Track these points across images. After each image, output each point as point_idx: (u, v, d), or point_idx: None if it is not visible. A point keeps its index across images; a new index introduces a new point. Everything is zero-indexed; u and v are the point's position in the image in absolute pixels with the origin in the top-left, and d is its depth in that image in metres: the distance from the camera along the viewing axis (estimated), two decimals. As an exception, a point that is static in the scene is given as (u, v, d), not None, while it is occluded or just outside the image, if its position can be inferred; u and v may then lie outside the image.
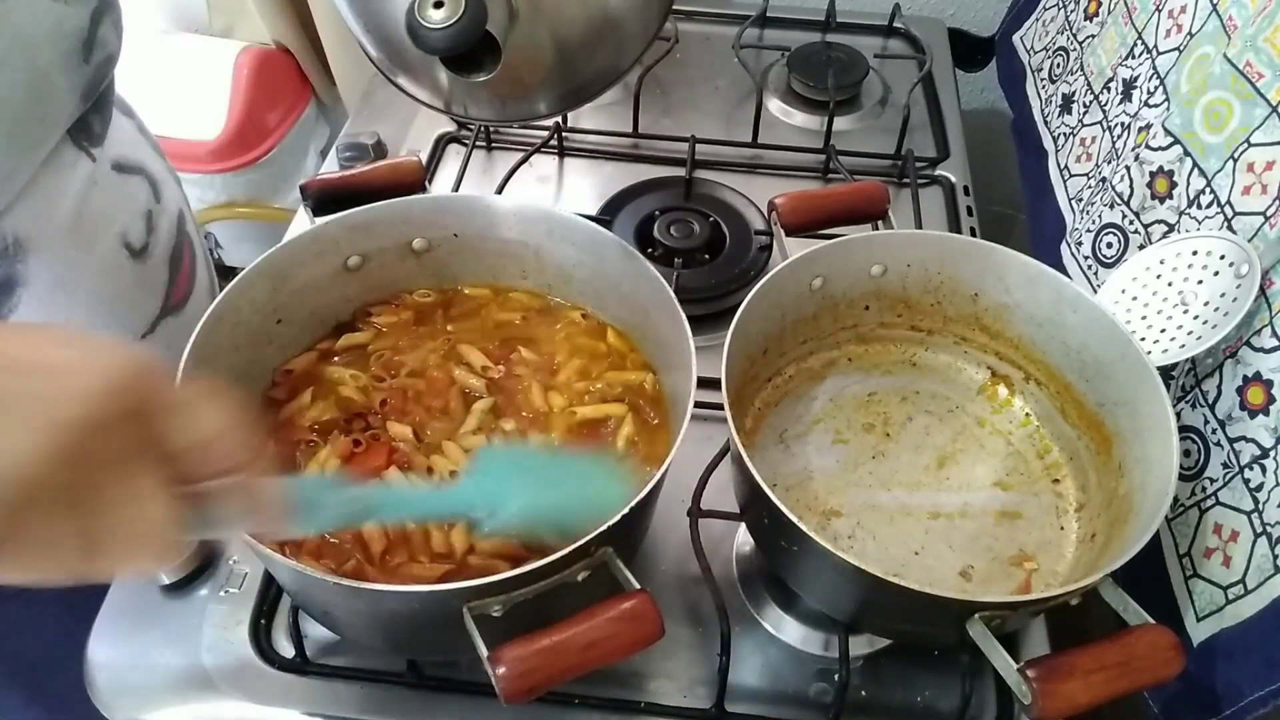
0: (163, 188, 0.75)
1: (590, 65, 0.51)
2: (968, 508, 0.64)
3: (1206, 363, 0.63)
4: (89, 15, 0.61)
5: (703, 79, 1.08)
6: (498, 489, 0.52)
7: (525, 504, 0.51)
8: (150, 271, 0.72)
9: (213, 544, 0.65)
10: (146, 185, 0.73)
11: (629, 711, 0.61)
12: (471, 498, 0.52)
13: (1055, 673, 0.46)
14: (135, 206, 0.71)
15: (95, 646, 0.62)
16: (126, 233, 0.69)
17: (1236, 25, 0.65)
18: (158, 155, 0.77)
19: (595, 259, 0.66)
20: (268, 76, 1.29)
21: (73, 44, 0.60)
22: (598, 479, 0.56)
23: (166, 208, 0.75)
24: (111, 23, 0.64)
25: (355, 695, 0.61)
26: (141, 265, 0.71)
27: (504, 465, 0.55)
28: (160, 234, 0.73)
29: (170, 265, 0.75)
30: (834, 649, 0.63)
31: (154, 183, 0.74)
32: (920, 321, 0.71)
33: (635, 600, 0.47)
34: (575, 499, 0.53)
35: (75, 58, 0.60)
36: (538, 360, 0.66)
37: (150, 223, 0.72)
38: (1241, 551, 0.56)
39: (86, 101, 0.64)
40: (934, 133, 1.04)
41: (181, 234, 0.77)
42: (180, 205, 0.79)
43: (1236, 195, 0.62)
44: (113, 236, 0.68)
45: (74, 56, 0.60)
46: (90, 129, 0.66)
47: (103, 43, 0.63)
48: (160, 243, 0.73)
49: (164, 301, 0.74)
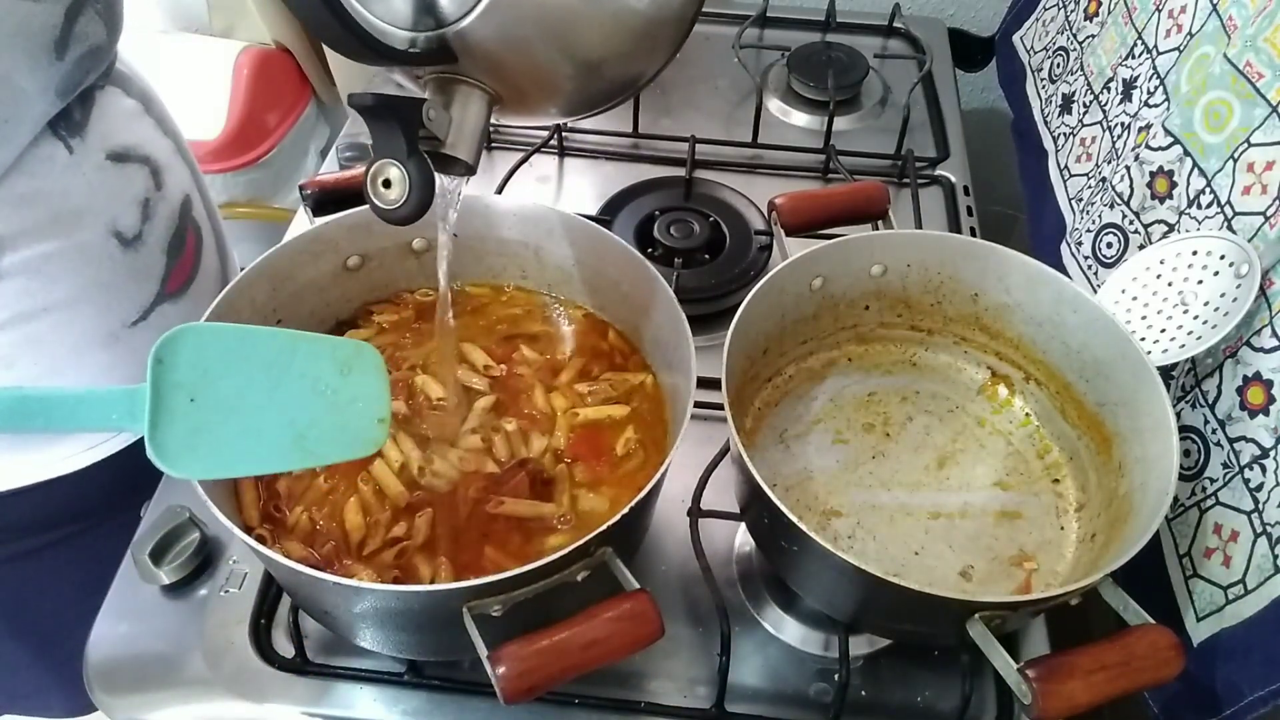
0: (166, 174, 0.73)
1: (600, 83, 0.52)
2: (968, 508, 0.64)
3: (1206, 363, 0.63)
4: (63, 12, 0.58)
5: (703, 79, 1.08)
6: (192, 375, 0.43)
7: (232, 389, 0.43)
8: (144, 259, 0.71)
9: (213, 544, 0.65)
10: (145, 173, 0.71)
11: (629, 711, 0.61)
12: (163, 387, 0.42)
13: (1055, 673, 0.46)
14: (129, 195, 0.69)
15: (95, 647, 0.62)
16: (116, 222, 0.68)
17: (1236, 25, 0.65)
18: (165, 137, 0.75)
19: (595, 259, 0.66)
20: (268, 76, 1.29)
21: (41, 42, 0.58)
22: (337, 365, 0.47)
23: (168, 194, 0.73)
24: (95, 14, 0.61)
25: (355, 695, 0.61)
26: (134, 254, 0.69)
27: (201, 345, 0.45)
28: (158, 221, 0.71)
29: (169, 253, 0.73)
30: (834, 649, 0.63)
31: (156, 169, 0.72)
32: (920, 321, 0.71)
33: (635, 600, 0.47)
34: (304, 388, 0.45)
35: (45, 56, 0.58)
36: (539, 359, 0.66)
37: (146, 211, 0.70)
38: (1241, 551, 0.56)
39: (64, 98, 0.62)
40: (934, 133, 1.04)
41: (185, 220, 0.75)
42: (187, 190, 0.76)
43: (1236, 195, 0.62)
44: (100, 226, 0.67)
45: (43, 55, 0.58)
46: (70, 117, 0.64)
47: (81, 37, 0.60)
48: (156, 231, 0.71)
49: (159, 289, 0.72)
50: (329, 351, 0.47)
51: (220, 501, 0.50)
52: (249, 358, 0.45)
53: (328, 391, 0.46)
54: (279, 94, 1.33)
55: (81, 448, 0.73)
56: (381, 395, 0.47)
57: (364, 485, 0.59)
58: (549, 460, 0.61)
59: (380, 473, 0.59)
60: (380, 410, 0.47)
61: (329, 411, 0.46)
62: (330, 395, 0.46)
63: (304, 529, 0.57)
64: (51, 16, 0.58)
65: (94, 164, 0.66)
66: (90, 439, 0.73)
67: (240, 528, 0.48)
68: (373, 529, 0.57)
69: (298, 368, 0.46)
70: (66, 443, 0.72)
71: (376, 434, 0.46)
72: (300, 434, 0.45)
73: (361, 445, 0.46)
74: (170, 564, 0.63)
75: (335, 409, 0.46)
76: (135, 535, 0.65)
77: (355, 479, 0.59)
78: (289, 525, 0.57)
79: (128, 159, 0.69)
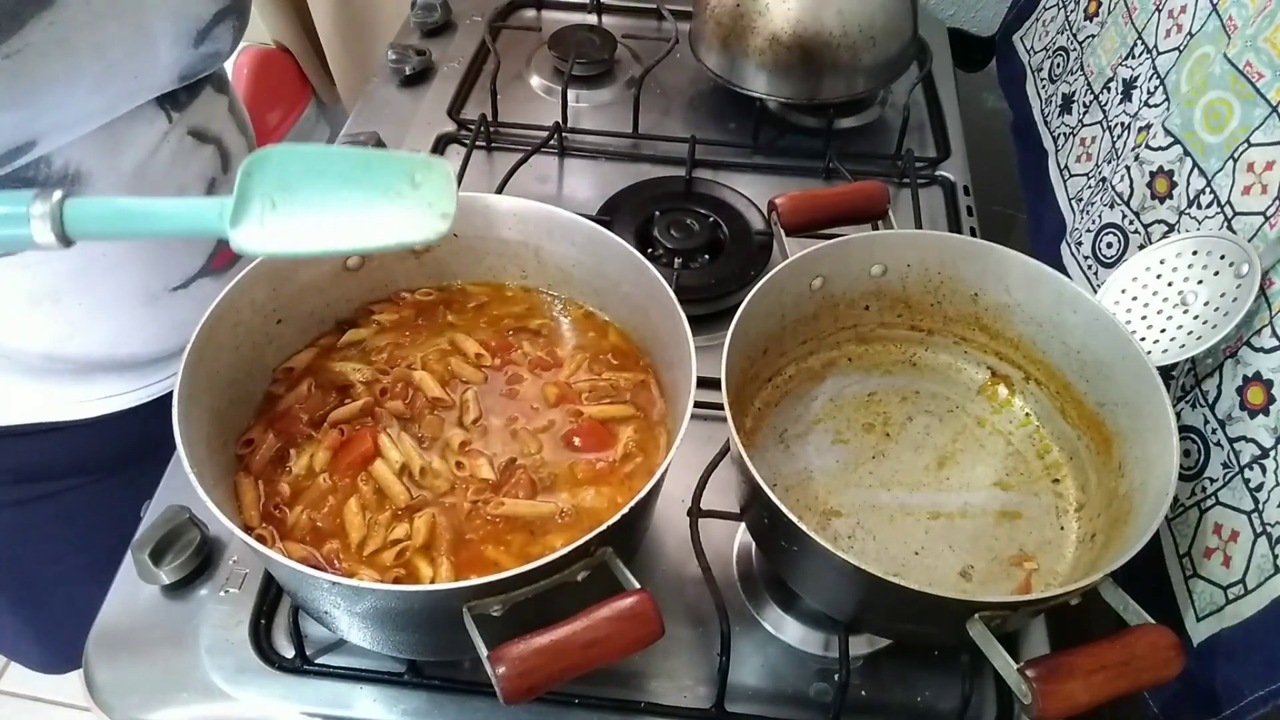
0: (235, 161, 0.79)
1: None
2: (968, 508, 0.64)
3: (1206, 363, 0.63)
4: (215, 11, 0.68)
5: (703, 79, 1.08)
6: (275, 186, 0.48)
7: (311, 195, 0.48)
8: None
9: (213, 544, 0.65)
10: (217, 156, 0.78)
11: (629, 711, 0.61)
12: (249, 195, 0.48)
13: (1055, 673, 0.46)
14: (200, 170, 0.76)
15: (95, 647, 0.62)
16: (185, 192, 0.74)
17: (1236, 25, 0.65)
18: (240, 134, 0.82)
19: (595, 259, 0.66)
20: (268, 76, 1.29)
21: (188, 27, 0.67)
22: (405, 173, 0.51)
23: (231, 180, 0.77)
24: (231, 26, 0.71)
25: (355, 695, 0.61)
26: None
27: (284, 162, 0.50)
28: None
29: None
30: (834, 649, 0.63)
31: (226, 155, 0.79)
32: (920, 321, 0.71)
33: (635, 600, 0.47)
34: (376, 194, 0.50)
35: (186, 40, 0.67)
36: (538, 356, 0.66)
37: (212, 190, 0.77)
38: (1241, 551, 0.56)
39: (183, 82, 0.70)
40: (934, 133, 1.04)
41: None
42: None
43: (1236, 195, 0.62)
44: (170, 191, 0.73)
45: (186, 39, 0.67)
46: (177, 98, 0.72)
47: (216, 38, 0.70)
48: None
49: (205, 263, 0.79)
50: (401, 165, 0.52)
51: (220, 501, 0.50)
52: (326, 171, 0.50)
53: (399, 196, 0.51)
54: (279, 94, 1.33)
55: (97, 395, 0.78)
56: (448, 196, 0.52)
57: (364, 485, 0.59)
58: (549, 459, 0.61)
59: (380, 473, 0.59)
60: (446, 207, 0.51)
61: (400, 210, 0.51)
62: (401, 199, 0.51)
63: (304, 529, 0.57)
64: (205, 11, 0.68)
65: (179, 135, 0.73)
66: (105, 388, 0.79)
67: (240, 528, 0.48)
68: (373, 529, 0.57)
69: (371, 178, 0.50)
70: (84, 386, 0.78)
71: (440, 225, 0.51)
72: (372, 222, 0.50)
73: (425, 231, 0.50)
74: (170, 564, 0.63)
75: (405, 209, 0.51)
76: (135, 535, 0.65)
77: (355, 479, 0.59)
78: (289, 525, 0.57)
79: (206, 139, 0.77)
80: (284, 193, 0.48)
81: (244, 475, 0.59)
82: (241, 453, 0.60)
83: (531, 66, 1.09)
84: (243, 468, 0.59)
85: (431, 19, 1.13)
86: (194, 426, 0.53)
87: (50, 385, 0.77)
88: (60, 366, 0.75)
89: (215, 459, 0.56)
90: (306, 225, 0.48)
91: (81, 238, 0.46)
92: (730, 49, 0.98)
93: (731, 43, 0.97)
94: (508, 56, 1.08)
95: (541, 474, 0.60)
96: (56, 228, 0.45)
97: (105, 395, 0.79)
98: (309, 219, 0.49)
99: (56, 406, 0.78)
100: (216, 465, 0.56)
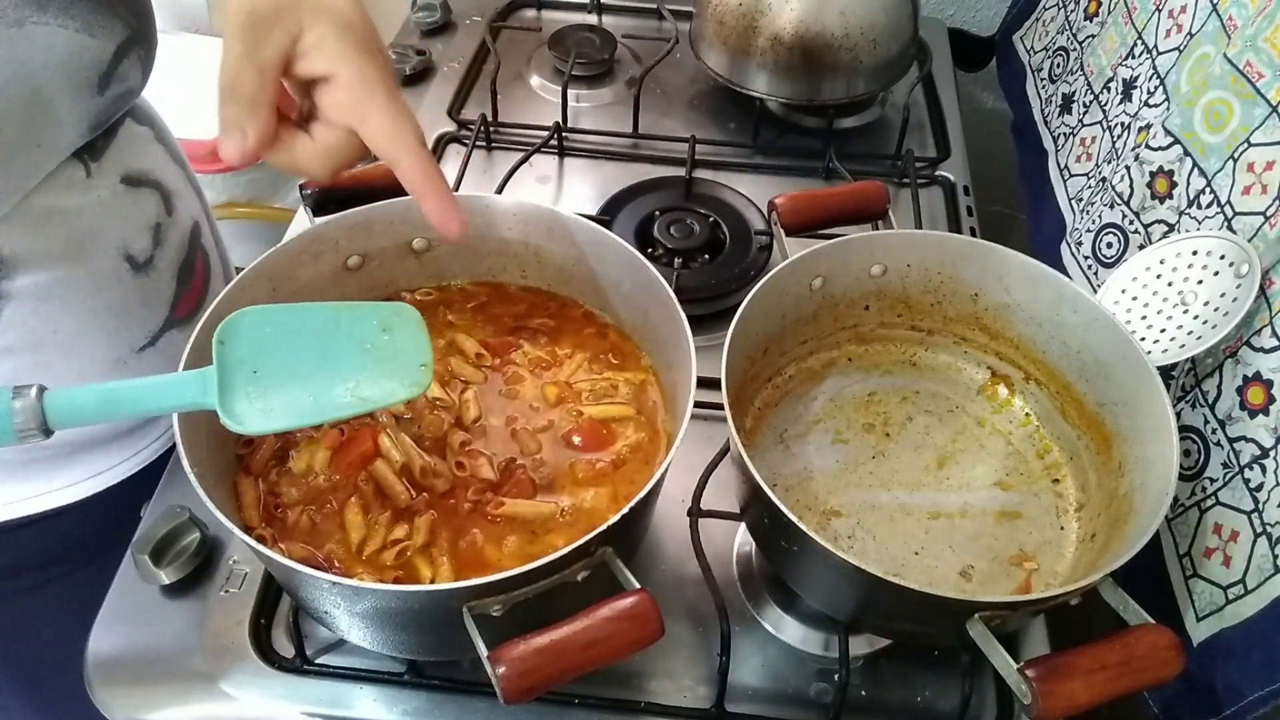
0: (176, 200, 0.73)
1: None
2: (968, 508, 0.64)
3: (1206, 363, 0.63)
4: (113, 50, 0.60)
5: (703, 79, 1.08)
6: (252, 351, 0.49)
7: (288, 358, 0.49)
8: (154, 284, 0.70)
9: (213, 544, 0.65)
10: (156, 198, 0.71)
11: (629, 711, 0.61)
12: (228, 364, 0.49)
13: (1055, 673, 0.46)
14: (142, 220, 0.69)
15: (95, 647, 0.62)
16: (128, 246, 0.68)
17: (1236, 25, 0.65)
18: (175, 164, 0.75)
19: (595, 259, 0.66)
20: (268, 77, 1.29)
21: (88, 76, 0.59)
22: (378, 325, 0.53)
23: (179, 220, 0.73)
24: (138, 59, 0.63)
25: (355, 695, 0.61)
26: (144, 278, 0.69)
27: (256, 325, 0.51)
28: (169, 247, 0.71)
29: (179, 278, 0.73)
30: (834, 649, 0.63)
31: (167, 195, 0.72)
32: (920, 321, 0.71)
33: (635, 600, 0.47)
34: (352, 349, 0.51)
35: (88, 89, 0.60)
36: (538, 356, 0.66)
37: (158, 236, 0.71)
38: (1241, 551, 0.56)
39: (94, 131, 0.63)
40: (934, 133, 1.04)
41: (195, 246, 0.75)
42: (197, 217, 0.76)
43: (1236, 195, 0.62)
44: (112, 250, 0.67)
45: (87, 88, 0.60)
46: (93, 145, 0.64)
47: (122, 77, 0.62)
48: (168, 255, 0.71)
49: (169, 314, 0.72)
50: (371, 316, 0.53)
51: (220, 501, 0.50)
52: (300, 329, 0.51)
53: (373, 349, 0.52)
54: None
55: (84, 475, 0.72)
56: (422, 345, 0.53)
57: (364, 485, 0.59)
58: (549, 459, 0.61)
59: (380, 473, 0.59)
60: (422, 357, 0.52)
61: (377, 364, 0.52)
62: (376, 351, 0.52)
63: (304, 529, 0.57)
64: (102, 53, 0.60)
65: (109, 186, 0.66)
66: (91, 467, 0.72)
67: (240, 528, 0.48)
68: (373, 529, 0.57)
69: (344, 332, 0.52)
70: (69, 470, 0.72)
71: (421, 377, 0.52)
72: (354, 386, 0.51)
73: (408, 388, 0.52)
74: (170, 564, 0.63)
75: (382, 362, 0.52)
76: (135, 535, 0.65)
77: (355, 479, 0.59)
78: (289, 525, 0.57)
79: (141, 183, 0.69)
80: (262, 357, 0.50)
81: (244, 475, 0.59)
82: (241, 453, 0.60)
83: (531, 66, 1.10)
84: (243, 468, 0.59)
85: (431, 19, 1.13)
86: (194, 426, 0.53)
87: (32, 474, 0.70)
88: (37, 454, 0.69)
89: (215, 459, 0.56)
90: (294, 394, 0.49)
91: (64, 427, 0.46)
92: (732, 49, 0.98)
93: (733, 42, 0.97)
94: (508, 56, 1.08)
95: (541, 474, 0.60)
96: (39, 422, 0.45)
97: (91, 475, 0.73)
98: (293, 384, 0.50)
99: (42, 497, 0.71)
100: (216, 465, 0.56)
